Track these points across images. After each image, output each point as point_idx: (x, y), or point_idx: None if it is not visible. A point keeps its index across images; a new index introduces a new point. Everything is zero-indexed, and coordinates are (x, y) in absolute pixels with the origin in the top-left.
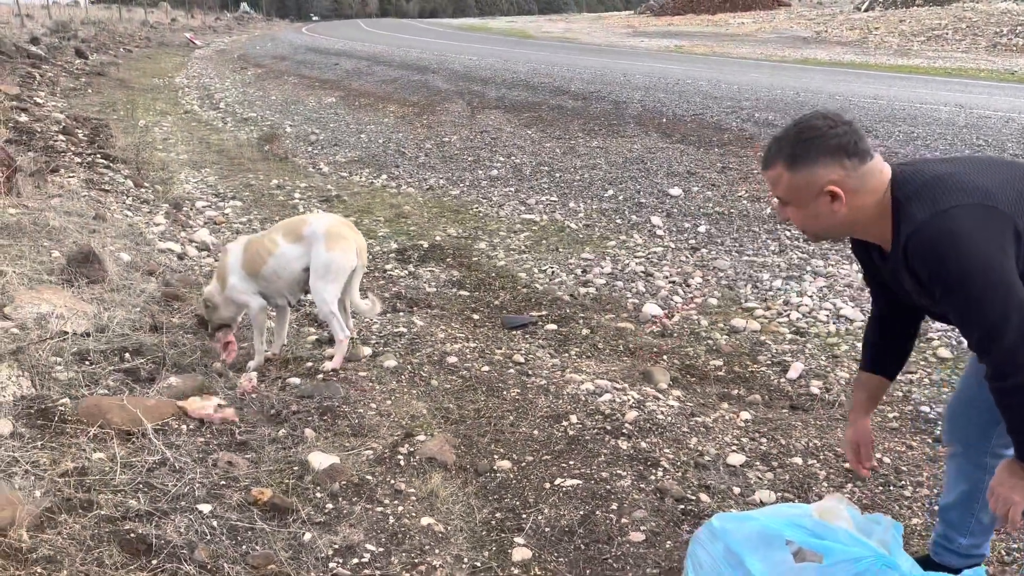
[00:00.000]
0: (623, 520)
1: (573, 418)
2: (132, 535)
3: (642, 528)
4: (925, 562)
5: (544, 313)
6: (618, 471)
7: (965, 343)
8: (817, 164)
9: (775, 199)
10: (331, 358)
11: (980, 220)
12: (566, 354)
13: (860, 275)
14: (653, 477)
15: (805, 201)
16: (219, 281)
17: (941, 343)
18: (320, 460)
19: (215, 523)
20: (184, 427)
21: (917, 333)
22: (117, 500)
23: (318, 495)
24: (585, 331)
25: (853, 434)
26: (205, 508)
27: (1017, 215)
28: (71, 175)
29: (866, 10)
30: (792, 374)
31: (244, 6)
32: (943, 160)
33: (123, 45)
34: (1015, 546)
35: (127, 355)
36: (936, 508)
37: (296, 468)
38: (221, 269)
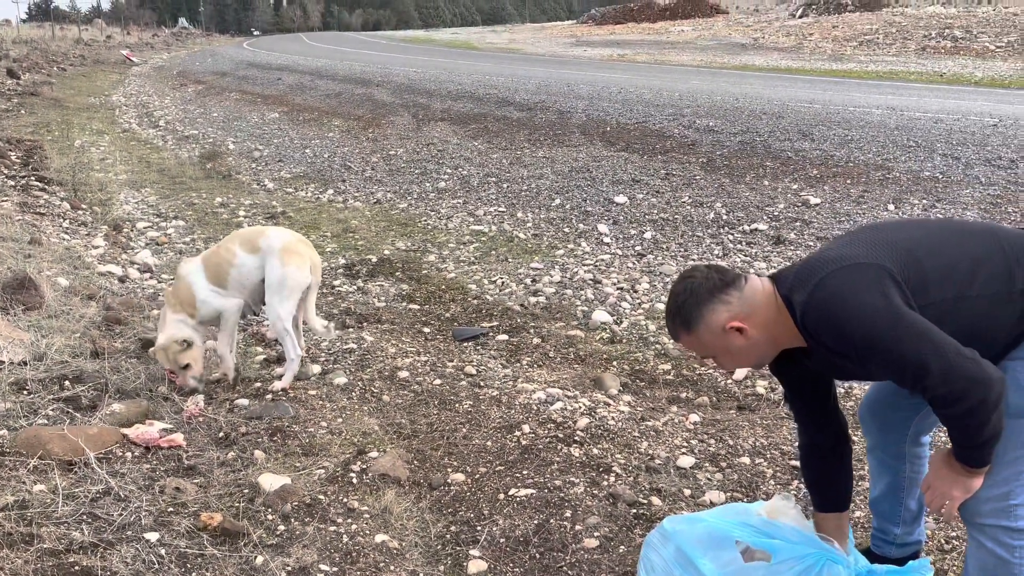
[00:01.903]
0: (577, 527)
1: (526, 427)
2: (77, 568)
3: (596, 534)
4: (867, 555)
5: (495, 324)
6: (571, 478)
7: None
8: (704, 315)
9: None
10: (279, 377)
11: (849, 278)
12: (518, 364)
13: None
14: (606, 483)
15: (721, 347)
16: (185, 307)
17: None
18: (271, 481)
19: (163, 551)
20: (129, 454)
21: (851, 453)
22: (60, 532)
23: (270, 517)
24: (536, 340)
25: None
26: (152, 536)
27: (887, 261)
28: (4, 199)
29: (800, 17)
30: (738, 375)
31: (182, 21)
32: (823, 247)
33: (57, 64)
34: (953, 535)
35: (67, 383)
36: None
37: (246, 491)
38: (183, 295)
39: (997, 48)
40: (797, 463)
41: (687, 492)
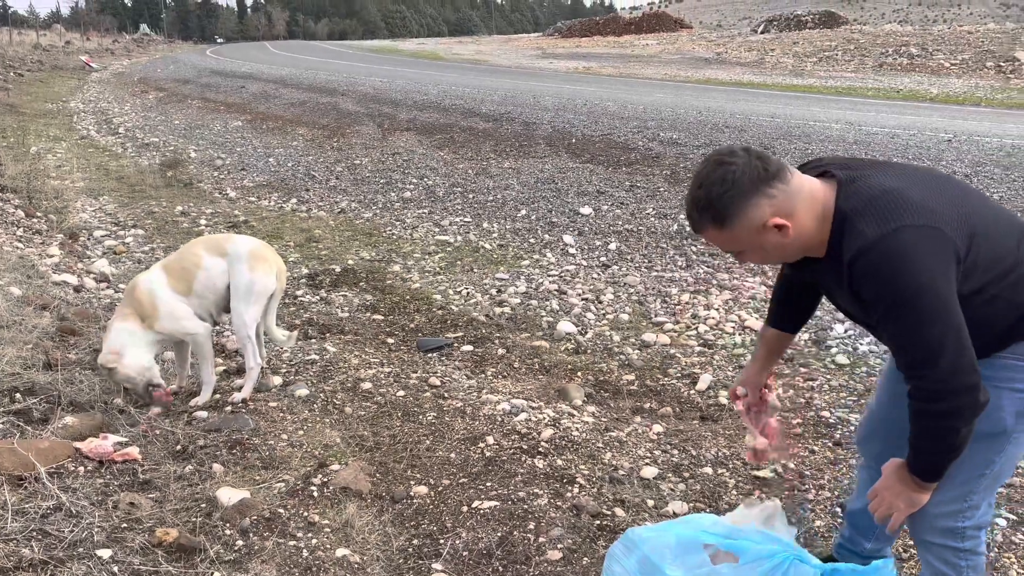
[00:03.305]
0: (540, 539)
1: (490, 439)
2: None
3: (559, 546)
4: (827, 562)
5: (460, 335)
6: (535, 490)
7: (866, 348)
8: (745, 211)
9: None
10: (240, 388)
11: (929, 243)
12: (482, 375)
13: (763, 288)
14: (569, 494)
15: (755, 244)
16: (144, 319)
17: (839, 351)
18: (229, 495)
19: (116, 569)
20: (81, 469)
21: (821, 298)
22: (9, 550)
23: (227, 532)
24: (501, 351)
25: (743, 380)
26: (105, 553)
27: (958, 239)
28: None
29: (762, 32)
30: (701, 385)
31: (144, 28)
32: (885, 170)
33: (13, 69)
34: (910, 542)
35: (18, 395)
36: (838, 509)
37: (204, 505)
38: (145, 305)
39: (952, 65)
40: (759, 473)
41: (650, 503)
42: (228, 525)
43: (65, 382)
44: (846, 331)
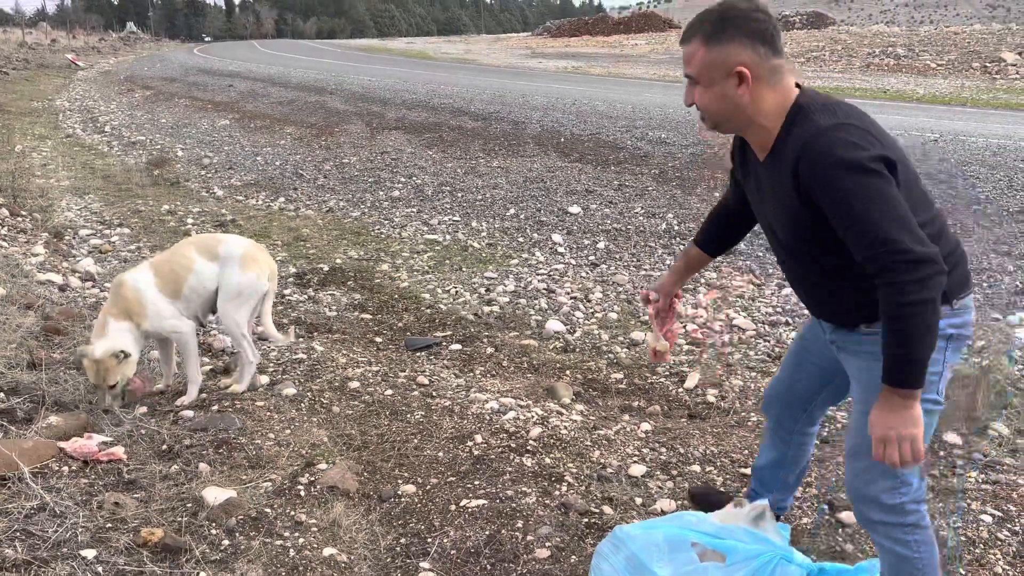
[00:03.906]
0: (528, 537)
1: (478, 438)
2: None
3: (547, 544)
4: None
5: (448, 333)
6: (523, 488)
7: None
8: (732, 43)
9: (686, 77)
10: (226, 387)
11: (877, 141)
12: (471, 374)
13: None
14: (557, 492)
15: (714, 80)
16: (133, 318)
17: None
18: (215, 495)
19: (100, 569)
20: (66, 469)
21: (749, 229)
22: None
23: (213, 532)
24: (489, 350)
25: (657, 287)
26: (89, 554)
27: (900, 170)
28: None
29: None
30: (689, 383)
31: (131, 26)
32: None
33: None
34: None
35: (2, 395)
36: (825, 506)
37: (190, 505)
38: (132, 304)
39: (938, 66)
40: (747, 471)
41: (638, 501)
42: (214, 525)
43: (50, 381)
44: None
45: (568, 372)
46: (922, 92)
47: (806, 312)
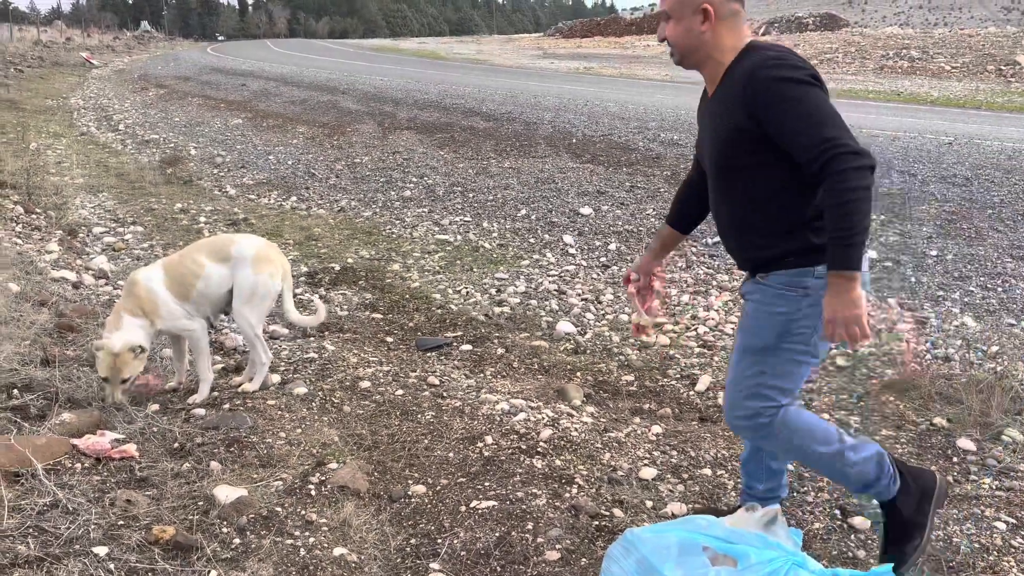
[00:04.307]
0: (539, 540)
1: (488, 439)
2: None
3: (557, 547)
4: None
5: (459, 334)
6: (533, 490)
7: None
8: None
9: (660, 14)
10: (237, 386)
11: (814, 70)
12: (481, 374)
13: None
14: (568, 495)
15: (684, 15)
16: (147, 315)
17: (838, 352)
18: (227, 493)
19: (112, 566)
20: (78, 466)
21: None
22: (5, 546)
23: (224, 530)
24: (500, 351)
25: (636, 267)
26: (101, 551)
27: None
28: None
29: (763, 34)
30: (700, 387)
31: (145, 25)
32: None
33: (14, 65)
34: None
35: (15, 391)
36: (837, 512)
37: (201, 503)
38: (145, 302)
39: (952, 69)
40: None
41: (649, 504)
42: (225, 523)
43: (63, 378)
44: None
45: (579, 374)
46: (936, 95)
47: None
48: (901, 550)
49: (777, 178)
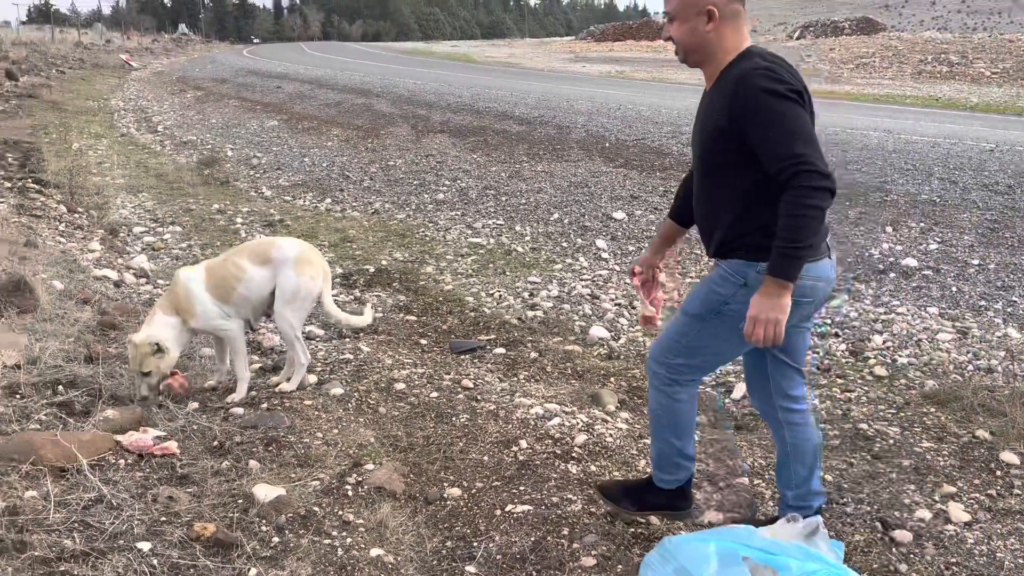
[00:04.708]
0: (574, 545)
1: (523, 443)
2: None
3: (593, 552)
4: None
5: (492, 337)
6: (568, 495)
7: (906, 360)
8: None
9: (664, 15)
10: (275, 386)
11: (798, 81)
12: (515, 378)
13: None
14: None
15: (688, 16)
16: (180, 314)
17: (878, 362)
18: (265, 492)
19: (155, 562)
20: (122, 462)
21: None
22: (52, 540)
23: (264, 528)
24: (533, 355)
25: (641, 261)
26: (145, 546)
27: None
28: (0, 200)
29: (798, 38)
30: (736, 394)
31: (182, 27)
32: None
33: (56, 66)
34: (953, 560)
35: (60, 388)
36: (878, 524)
37: (240, 501)
38: (181, 301)
39: (992, 74)
40: None
41: None
42: (264, 522)
43: (106, 375)
44: (884, 343)
45: (612, 379)
46: (976, 100)
47: (846, 324)
48: (618, 496)
49: (747, 179)
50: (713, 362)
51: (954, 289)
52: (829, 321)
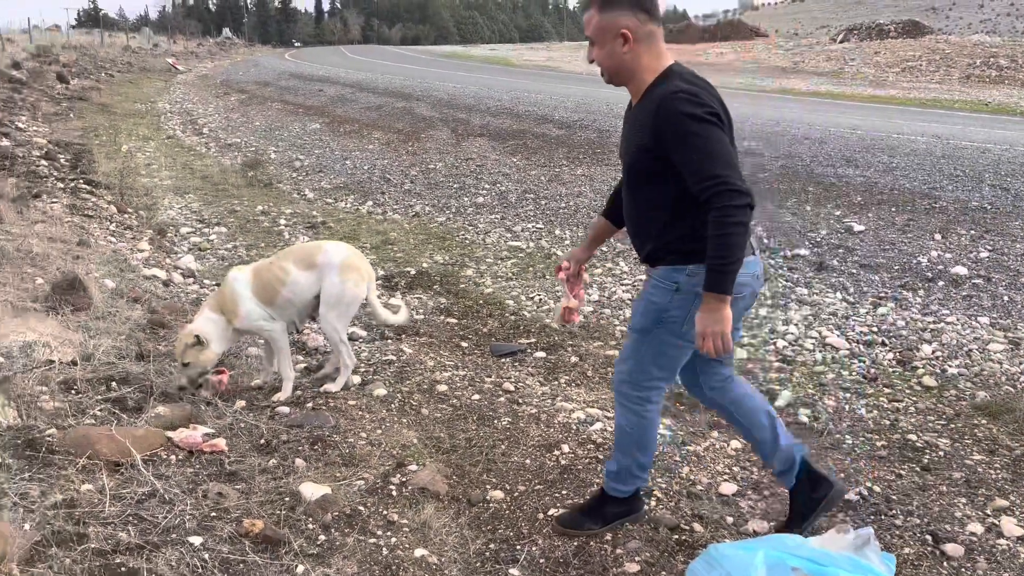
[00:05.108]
0: (618, 551)
1: (565, 447)
2: (123, 569)
3: (636, 559)
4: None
5: (532, 341)
6: None
7: (956, 371)
8: (619, 10)
9: (587, 39)
10: (320, 385)
11: (717, 104)
12: (555, 382)
13: (844, 304)
14: (646, 507)
15: (606, 41)
16: (224, 313)
17: (926, 372)
18: (312, 490)
19: (207, 556)
20: (173, 457)
21: None
22: (107, 532)
23: (310, 526)
24: (574, 359)
25: (569, 256)
26: (196, 540)
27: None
28: (54, 200)
29: (842, 42)
30: (780, 402)
31: (226, 32)
32: None
33: (105, 70)
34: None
35: (113, 384)
36: (927, 536)
37: (287, 499)
38: (227, 300)
39: None
40: (846, 496)
41: (729, 520)
42: (311, 520)
43: (156, 373)
44: (933, 352)
45: None
46: None
47: (893, 333)
48: (580, 521)
49: (671, 191)
50: (672, 367)
51: (1006, 299)
52: (876, 330)
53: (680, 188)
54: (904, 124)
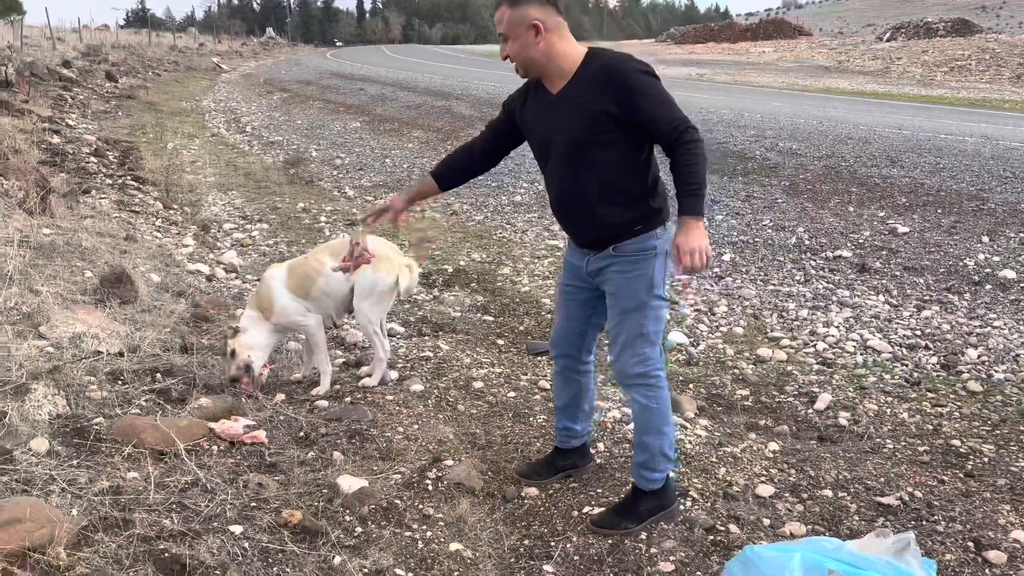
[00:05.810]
0: (652, 550)
1: (600, 446)
2: (167, 555)
3: (671, 558)
4: (556, 452)
5: None
6: None
7: (1002, 376)
8: (528, 5)
9: (500, 36)
10: (358, 379)
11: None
12: None
13: (887, 307)
14: (682, 507)
15: (519, 34)
16: (261, 310)
17: (971, 377)
18: (349, 483)
19: (247, 545)
20: (215, 448)
21: (482, 173)
22: (152, 519)
23: (347, 518)
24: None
25: (391, 199)
26: (237, 529)
27: None
28: (102, 196)
29: (888, 40)
30: (819, 405)
31: (270, 31)
32: None
33: (152, 69)
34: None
35: (158, 375)
36: (971, 544)
37: (325, 491)
38: (263, 297)
39: None
40: (883, 500)
41: (766, 522)
42: (348, 512)
43: (199, 365)
44: (979, 357)
45: (691, 386)
46: None
47: (937, 336)
48: (615, 520)
49: (623, 153)
50: (661, 329)
51: None
52: (919, 333)
53: (631, 150)
54: (952, 124)
